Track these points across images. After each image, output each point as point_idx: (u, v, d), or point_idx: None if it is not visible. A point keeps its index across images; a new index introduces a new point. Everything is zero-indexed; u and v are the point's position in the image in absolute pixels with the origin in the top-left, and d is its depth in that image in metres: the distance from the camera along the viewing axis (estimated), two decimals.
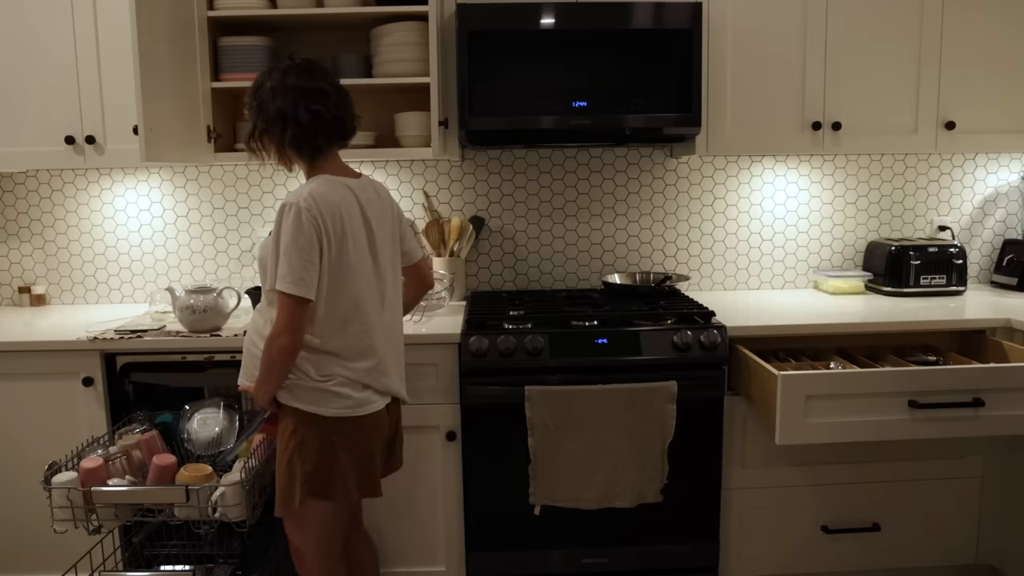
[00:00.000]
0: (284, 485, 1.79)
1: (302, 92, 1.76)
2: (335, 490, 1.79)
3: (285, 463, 1.79)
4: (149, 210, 2.87)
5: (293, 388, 1.77)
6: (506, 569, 2.36)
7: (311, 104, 1.76)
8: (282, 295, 1.68)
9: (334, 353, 1.78)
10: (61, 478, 1.82)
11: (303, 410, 1.77)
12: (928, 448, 2.41)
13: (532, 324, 2.33)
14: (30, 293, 2.86)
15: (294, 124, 1.76)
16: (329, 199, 1.73)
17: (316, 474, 1.77)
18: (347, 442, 1.79)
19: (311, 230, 1.69)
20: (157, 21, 2.19)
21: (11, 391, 2.29)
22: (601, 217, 2.93)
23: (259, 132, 1.82)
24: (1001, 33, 2.58)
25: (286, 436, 1.79)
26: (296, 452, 1.77)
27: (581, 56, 2.39)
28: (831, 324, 2.34)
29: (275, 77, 1.78)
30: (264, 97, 1.78)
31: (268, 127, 1.79)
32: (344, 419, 1.78)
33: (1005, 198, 3.01)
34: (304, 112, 1.76)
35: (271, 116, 1.77)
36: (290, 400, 1.78)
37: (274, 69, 1.81)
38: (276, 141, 1.80)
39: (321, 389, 1.76)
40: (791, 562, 2.44)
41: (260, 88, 1.80)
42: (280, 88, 1.77)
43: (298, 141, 1.79)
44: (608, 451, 2.23)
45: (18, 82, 2.48)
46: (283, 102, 1.76)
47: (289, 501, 1.79)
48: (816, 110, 2.57)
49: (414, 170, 2.88)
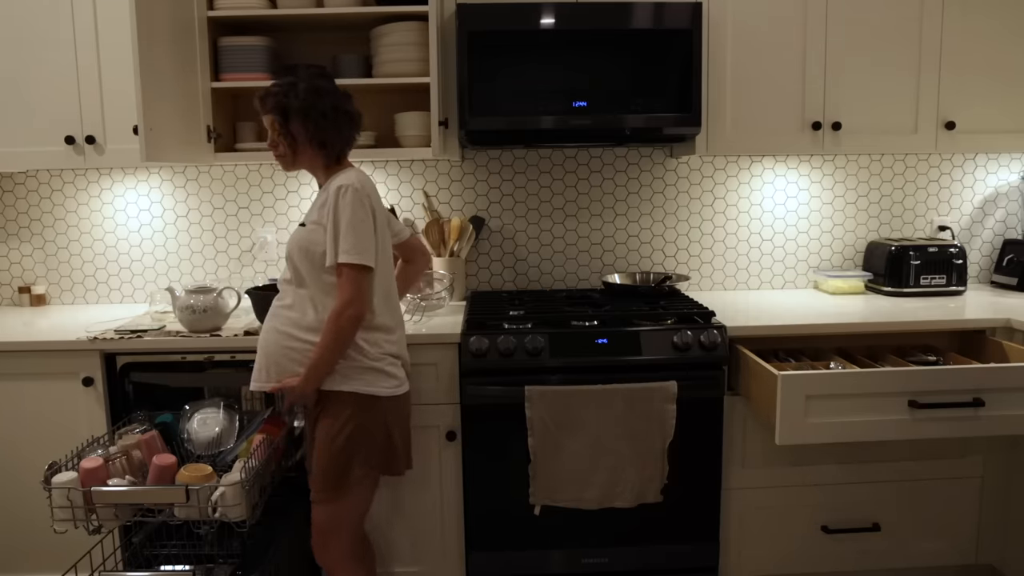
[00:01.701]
0: (335, 468, 1.88)
1: (336, 94, 1.93)
2: (392, 465, 1.97)
3: (340, 446, 1.87)
4: (149, 210, 2.87)
5: (347, 372, 1.87)
6: (506, 569, 2.36)
7: (346, 104, 1.93)
8: (347, 268, 1.82)
9: (383, 328, 1.93)
10: (61, 478, 1.82)
11: (361, 392, 1.87)
12: (928, 448, 2.41)
13: (532, 324, 2.33)
14: (30, 293, 2.86)
15: (342, 120, 1.91)
16: (369, 184, 1.91)
17: (378, 451, 1.92)
18: (396, 419, 1.95)
19: (367, 207, 1.85)
20: (157, 21, 2.19)
21: (11, 391, 2.29)
22: (601, 217, 2.93)
23: (298, 127, 1.89)
24: (1001, 33, 2.58)
25: (340, 420, 1.87)
26: (355, 433, 1.88)
27: (581, 56, 2.39)
28: (831, 324, 2.34)
29: (306, 79, 1.91)
30: (304, 96, 1.88)
31: (308, 122, 1.88)
32: (394, 398, 1.93)
33: (1005, 198, 3.01)
34: (344, 111, 1.92)
35: (317, 112, 1.88)
36: (344, 385, 1.87)
37: (299, 74, 1.93)
38: (314, 136, 1.90)
39: (376, 369, 1.89)
40: (791, 562, 2.44)
41: (293, 88, 1.89)
42: (317, 89, 1.89)
43: (337, 137, 1.92)
44: (608, 451, 2.23)
45: (18, 82, 2.48)
46: (325, 101, 1.89)
47: (342, 482, 1.89)
48: (816, 110, 2.57)
49: (414, 170, 2.88)
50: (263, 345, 1.93)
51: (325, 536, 1.94)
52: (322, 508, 1.92)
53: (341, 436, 1.87)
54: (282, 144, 1.92)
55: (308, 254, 1.87)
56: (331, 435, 1.88)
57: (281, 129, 1.90)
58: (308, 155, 1.93)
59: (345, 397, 1.87)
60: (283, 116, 1.89)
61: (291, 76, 1.92)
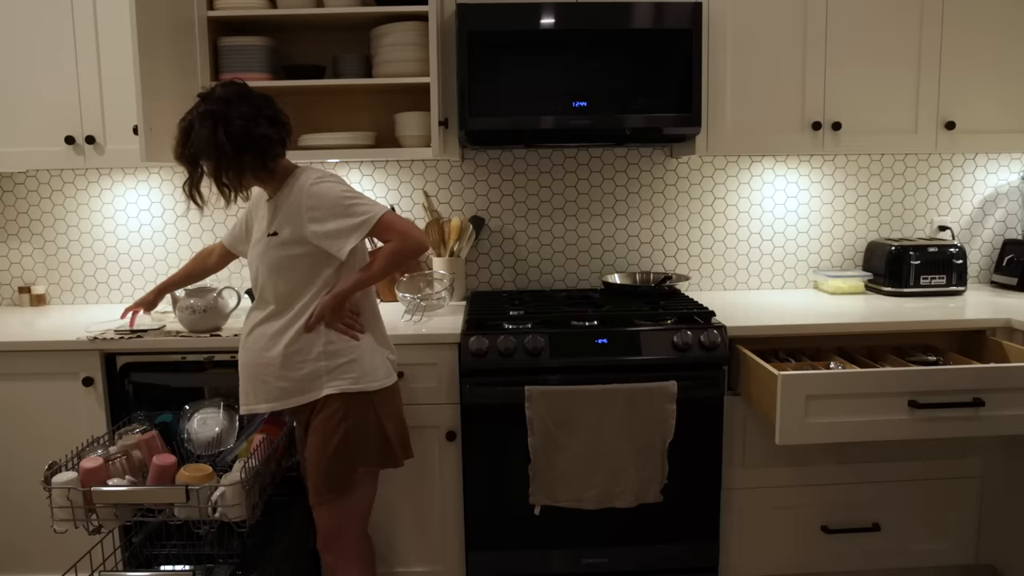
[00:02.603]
0: (335, 469, 1.87)
1: (242, 116, 1.78)
2: (388, 459, 1.95)
3: (335, 447, 1.86)
4: (149, 210, 2.87)
5: (333, 373, 1.86)
6: (506, 569, 2.36)
7: (257, 120, 1.80)
8: (383, 218, 1.83)
9: (373, 314, 1.97)
10: (61, 478, 1.82)
11: (350, 391, 1.86)
12: (928, 448, 2.41)
13: (532, 324, 2.33)
14: (30, 293, 2.86)
15: (261, 142, 1.79)
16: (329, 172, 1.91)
17: (374, 447, 1.91)
18: (388, 411, 1.94)
19: (342, 181, 1.87)
20: (157, 21, 2.19)
21: (11, 391, 2.29)
22: (601, 217, 2.93)
23: (225, 168, 1.79)
24: (1001, 33, 2.58)
25: (334, 422, 1.86)
26: (350, 432, 1.86)
27: (581, 56, 2.39)
28: (831, 324, 2.34)
29: (199, 119, 1.78)
30: (220, 134, 1.76)
31: (236, 158, 1.77)
32: (384, 390, 1.92)
33: (1005, 198, 3.01)
34: (254, 133, 1.78)
35: (237, 146, 1.76)
36: (331, 387, 1.86)
37: (193, 117, 1.80)
38: (248, 167, 1.80)
39: (360, 364, 1.88)
40: (791, 562, 2.44)
41: (195, 135, 1.78)
42: (216, 122, 1.76)
43: (266, 154, 1.81)
44: (608, 451, 2.23)
45: (18, 82, 2.48)
46: (233, 129, 1.76)
47: (343, 483, 1.88)
48: (816, 110, 2.57)
49: (414, 170, 2.88)
50: (245, 367, 1.92)
51: (330, 537, 1.94)
52: (325, 510, 1.92)
53: (336, 437, 1.86)
54: (225, 192, 1.83)
55: (292, 260, 1.85)
56: (326, 438, 1.87)
57: (216, 180, 1.81)
58: (249, 183, 1.87)
59: (335, 399, 1.86)
60: (209, 165, 1.80)
61: (186, 122, 1.81)
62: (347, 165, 2.87)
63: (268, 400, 1.90)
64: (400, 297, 2.54)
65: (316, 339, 1.85)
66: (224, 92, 1.82)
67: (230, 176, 1.82)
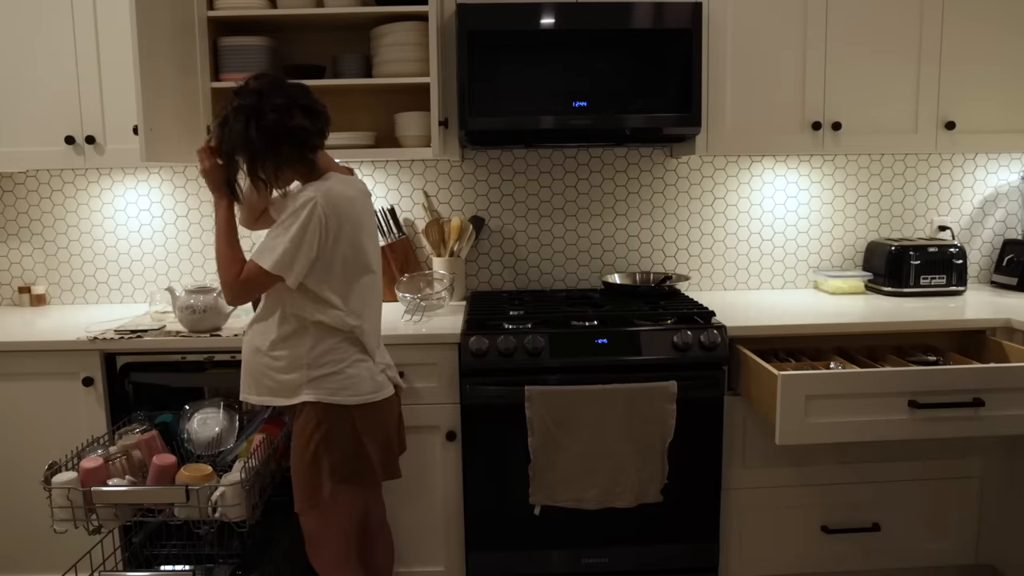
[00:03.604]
0: (309, 479, 1.84)
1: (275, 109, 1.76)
2: (363, 476, 1.87)
3: (310, 457, 1.83)
4: (149, 210, 2.87)
5: (314, 382, 1.82)
6: (506, 569, 2.36)
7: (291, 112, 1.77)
8: (254, 266, 1.79)
9: (372, 326, 1.91)
10: (61, 478, 1.82)
11: (326, 402, 1.82)
12: (928, 448, 2.41)
13: (532, 324, 2.33)
14: (30, 293, 2.86)
15: (299, 134, 1.77)
16: (340, 197, 1.81)
17: (345, 462, 1.84)
18: (369, 427, 1.87)
19: (320, 225, 1.77)
20: (157, 21, 2.19)
21: (11, 391, 2.29)
22: (601, 217, 2.93)
23: (261, 161, 1.78)
24: (1001, 33, 2.58)
25: (308, 431, 1.83)
26: (322, 443, 1.82)
27: (581, 56, 2.39)
28: (831, 324, 2.34)
29: (233, 113, 1.77)
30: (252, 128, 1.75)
31: (272, 151, 1.77)
32: (366, 405, 1.86)
33: (1005, 198, 3.01)
34: (301, 116, 1.77)
35: (272, 138, 1.75)
36: (310, 395, 1.82)
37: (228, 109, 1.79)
38: (285, 160, 1.79)
39: (343, 377, 1.83)
40: (791, 562, 2.44)
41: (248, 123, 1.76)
42: (249, 114, 1.75)
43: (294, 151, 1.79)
44: (608, 451, 2.23)
45: (18, 82, 2.48)
46: (276, 119, 1.75)
47: (316, 493, 1.84)
48: (816, 110, 2.57)
49: (414, 170, 2.88)
50: (243, 358, 1.92)
51: (313, 544, 1.92)
52: (305, 517, 1.89)
53: (310, 447, 1.82)
54: (260, 185, 1.82)
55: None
56: (300, 446, 1.84)
57: (251, 174, 1.81)
58: (287, 177, 1.85)
59: (310, 407, 1.83)
60: (245, 159, 1.79)
61: (221, 117, 1.80)
62: (347, 165, 2.86)
63: (259, 394, 1.88)
64: (400, 297, 2.54)
65: (302, 346, 1.82)
66: (257, 84, 1.79)
67: (267, 170, 1.80)
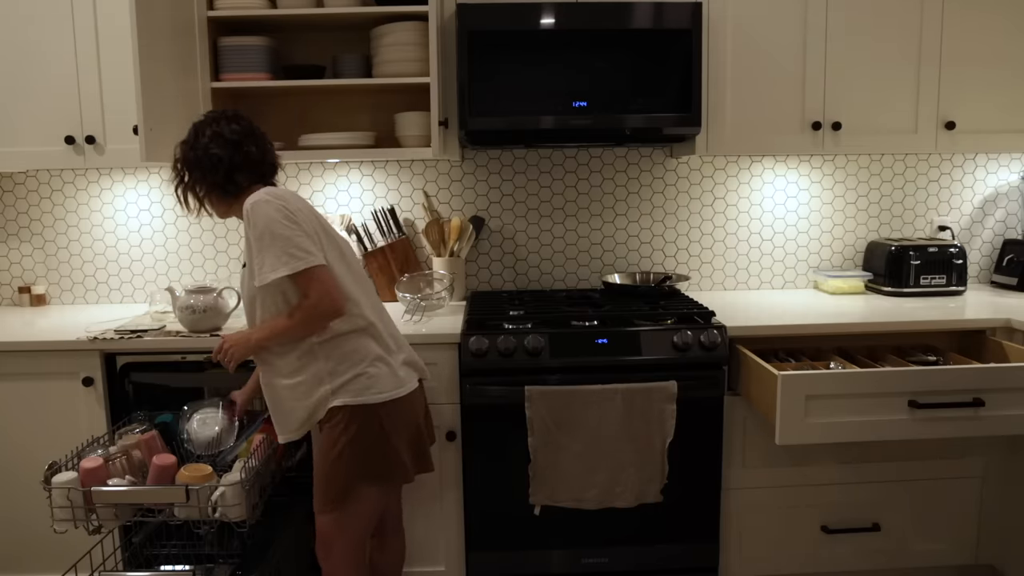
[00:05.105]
0: (335, 481, 1.84)
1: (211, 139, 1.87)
2: (392, 474, 1.88)
3: (335, 456, 1.83)
4: (149, 210, 2.87)
5: (340, 389, 1.82)
6: (506, 569, 2.36)
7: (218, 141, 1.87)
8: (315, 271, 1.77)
9: (380, 319, 1.91)
10: (61, 478, 1.82)
11: (352, 404, 1.82)
12: (928, 448, 2.41)
13: (532, 324, 2.33)
14: (30, 293, 2.86)
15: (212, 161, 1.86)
16: (283, 192, 1.84)
17: (374, 461, 1.85)
18: (397, 424, 1.87)
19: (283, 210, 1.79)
20: (157, 21, 2.19)
21: (11, 391, 2.29)
22: (601, 217, 2.93)
23: (181, 180, 1.92)
24: (1001, 33, 2.58)
25: (335, 434, 1.83)
26: (349, 445, 1.82)
27: (581, 56, 2.39)
28: (831, 324, 2.34)
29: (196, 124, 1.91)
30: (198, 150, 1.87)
31: (189, 172, 1.89)
32: (392, 402, 1.86)
33: (1005, 198, 3.01)
34: (226, 147, 1.86)
35: (190, 161, 1.88)
36: (335, 400, 1.82)
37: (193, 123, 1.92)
38: (199, 183, 1.89)
39: (363, 376, 1.83)
40: (791, 562, 2.44)
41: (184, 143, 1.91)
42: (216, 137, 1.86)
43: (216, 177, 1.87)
44: (608, 451, 2.23)
45: (18, 82, 2.48)
46: (218, 149, 1.85)
47: (340, 494, 1.84)
48: (816, 110, 2.57)
49: (414, 170, 2.88)
50: (266, 398, 1.91)
51: (327, 545, 1.92)
52: (323, 519, 1.90)
53: (336, 449, 1.83)
54: (180, 201, 1.92)
55: (262, 292, 1.82)
56: (327, 449, 1.84)
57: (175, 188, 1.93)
58: (202, 201, 1.93)
59: (338, 410, 1.83)
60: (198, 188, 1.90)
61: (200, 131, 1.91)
62: (347, 165, 2.87)
63: (298, 428, 1.88)
64: (400, 297, 2.54)
65: (316, 363, 1.82)
66: (214, 114, 1.92)
67: (179, 190, 1.91)
